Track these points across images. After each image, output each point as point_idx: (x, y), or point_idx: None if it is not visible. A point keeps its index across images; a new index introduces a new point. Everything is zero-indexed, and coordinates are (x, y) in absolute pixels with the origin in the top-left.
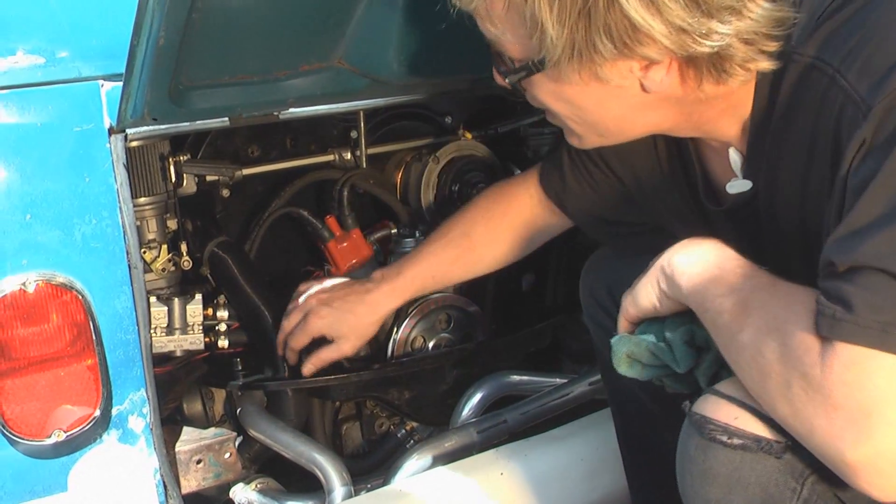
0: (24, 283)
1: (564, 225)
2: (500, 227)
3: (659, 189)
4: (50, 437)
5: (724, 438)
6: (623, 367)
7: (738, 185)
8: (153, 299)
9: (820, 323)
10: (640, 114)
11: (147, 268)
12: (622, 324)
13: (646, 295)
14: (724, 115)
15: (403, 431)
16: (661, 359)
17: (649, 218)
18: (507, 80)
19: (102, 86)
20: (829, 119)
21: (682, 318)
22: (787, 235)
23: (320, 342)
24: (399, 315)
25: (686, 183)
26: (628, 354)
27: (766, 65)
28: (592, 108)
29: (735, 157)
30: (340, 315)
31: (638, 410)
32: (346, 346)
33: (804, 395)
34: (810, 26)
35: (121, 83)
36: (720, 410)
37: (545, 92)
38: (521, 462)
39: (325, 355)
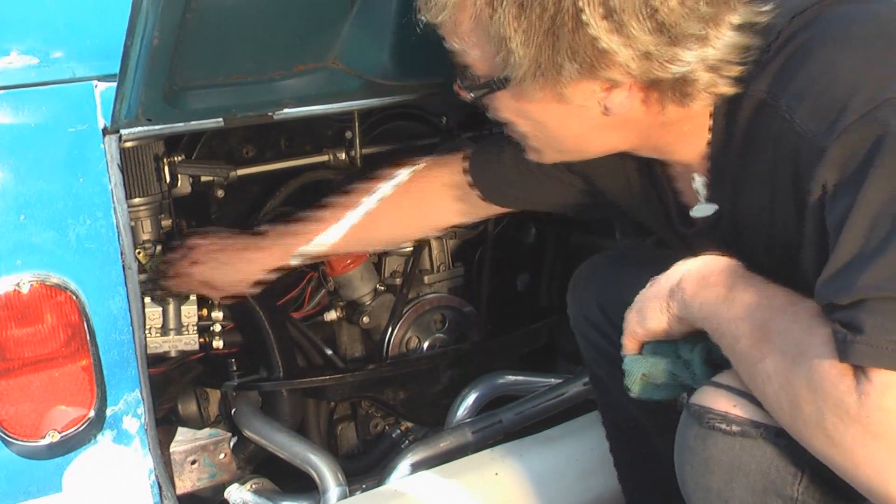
0: (18, 284)
1: (479, 215)
2: (410, 208)
3: (633, 204)
4: (44, 437)
5: (724, 426)
6: (637, 389)
7: (703, 209)
8: (148, 300)
9: (845, 350)
10: (599, 133)
11: (142, 268)
12: (629, 343)
13: (655, 317)
14: (683, 139)
15: (399, 432)
16: (679, 378)
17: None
18: (469, 95)
19: (97, 86)
20: (785, 159)
21: (694, 335)
22: (755, 255)
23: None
24: (394, 315)
25: (658, 202)
26: (644, 375)
27: (728, 89)
28: (553, 126)
29: (699, 182)
30: (218, 266)
31: (629, 422)
32: (213, 294)
33: (841, 424)
34: (763, 59)
35: (115, 84)
36: (719, 400)
37: (507, 108)
38: (516, 462)
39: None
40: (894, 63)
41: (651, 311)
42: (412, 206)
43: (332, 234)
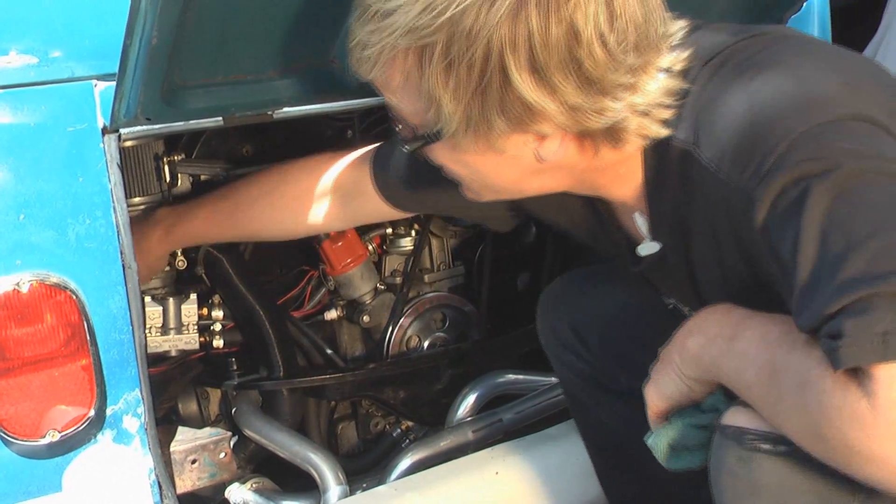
0: (17, 284)
1: (371, 218)
2: (309, 205)
3: (580, 234)
4: (44, 437)
5: (768, 446)
6: (671, 462)
7: (648, 247)
8: (148, 299)
9: (836, 359)
10: (536, 177)
11: None
12: (654, 421)
13: (673, 385)
14: (618, 180)
15: (399, 431)
16: (708, 429)
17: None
18: (405, 147)
19: (96, 86)
20: (718, 209)
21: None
22: (711, 289)
23: None
24: (394, 314)
25: (606, 236)
26: (671, 445)
27: (658, 131)
28: (488, 173)
29: (640, 221)
30: None
31: (610, 440)
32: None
33: (864, 436)
34: (684, 104)
35: (114, 83)
36: (755, 419)
37: (443, 157)
38: (517, 461)
39: None
40: (803, 98)
41: (667, 381)
42: (315, 210)
43: (220, 231)
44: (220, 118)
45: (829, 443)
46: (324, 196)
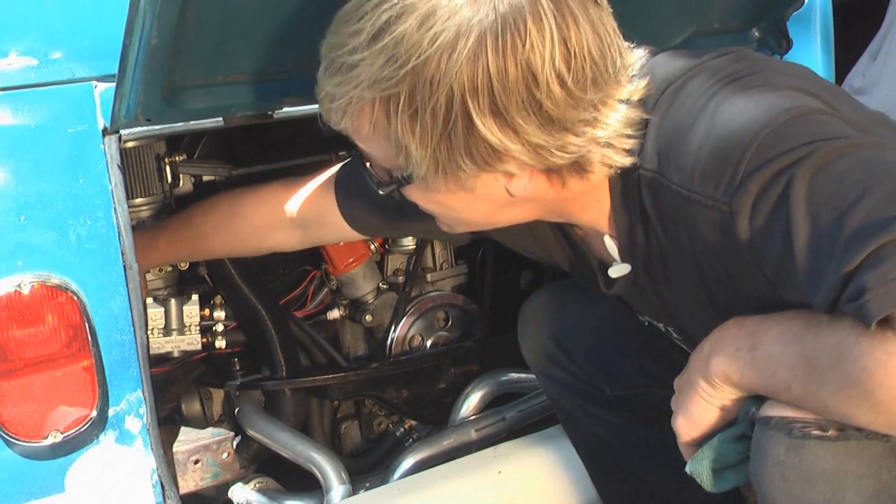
0: (19, 285)
1: (347, 239)
2: (273, 233)
3: (551, 258)
4: (46, 438)
5: (821, 432)
6: (718, 484)
7: (619, 269)
8: (150, 300)
9: (865, 315)
10: (507, 210)
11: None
12: (688, 451)
13: (705, 412)
14: (587, 207)
15: (402, 430)
16: (746, 440)
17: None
18: (380, 191)
19: (96, 87)
20: (695, 231)
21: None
22: (690, 307)
23: None
24: (397, 313)
25: (577, 259)
26: (713, 468)
27: (622, 160)
28: (461, 209)
29: (610, 244)
30: None
31: (603, 449)
32: None
33: None
34: (646, 134)
35: (114, 84)
36: (796, 408)
37: (416, 197)
38: (519, 460)
39: None
40: (762, 106)
41: (697, 409)
42: (253, 230)
43: (165, 250)
44: (221, 118)
45: (886, 405)
46: (288, 223)
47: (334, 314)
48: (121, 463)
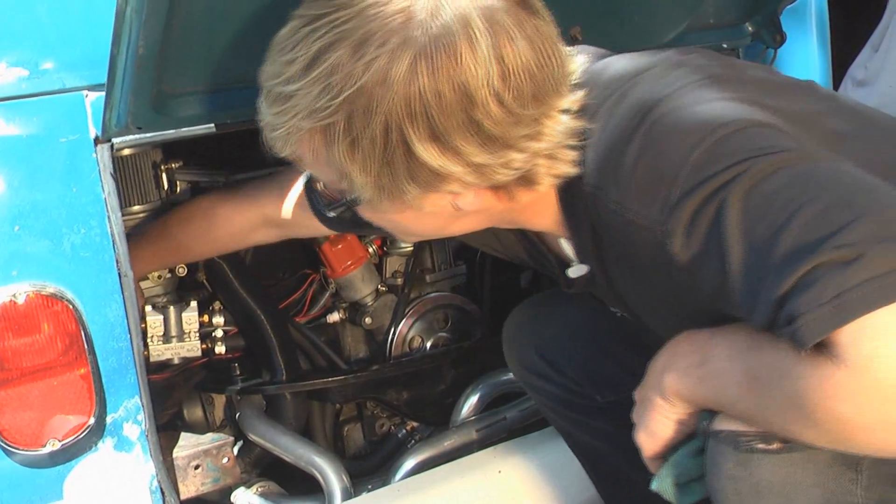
0: (14, 295)
1: (322, 234)
2: (251, 235)
3: (516, 257)
4: (45, 446)
5: (765, 445)
6: (683, 498)
7: (577, 270)
8: (149, 308)
9: (799, 339)
10: (457, 223)
11: (143, 275)
12: (653, 465)
13: (664, 427)
14: (538, 215)
15: (404, 431)
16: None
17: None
18: (329, 213)
19: (87, 96)
20: (634, 246)
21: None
22: (646, 308)
23: None
24: (396, 315)
25: (540, 258)
26: (677, 483)
27: (567, 170)
28: (411, 225)
29: (566, 246)
30: None
31: (600, 456)
32: None
33: (853, 405)
34: (587, 145)
35: (104, 93)
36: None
37: (366, 215)
38: (520, 460)
39: None
40: (695, 122)
41: (656, 424)
42: (231, 235)
43: (149, 261)
44: (213, 125)
45: (825, 425)
46: (264, 224)
47: (334, 317)
48: (120, 470)
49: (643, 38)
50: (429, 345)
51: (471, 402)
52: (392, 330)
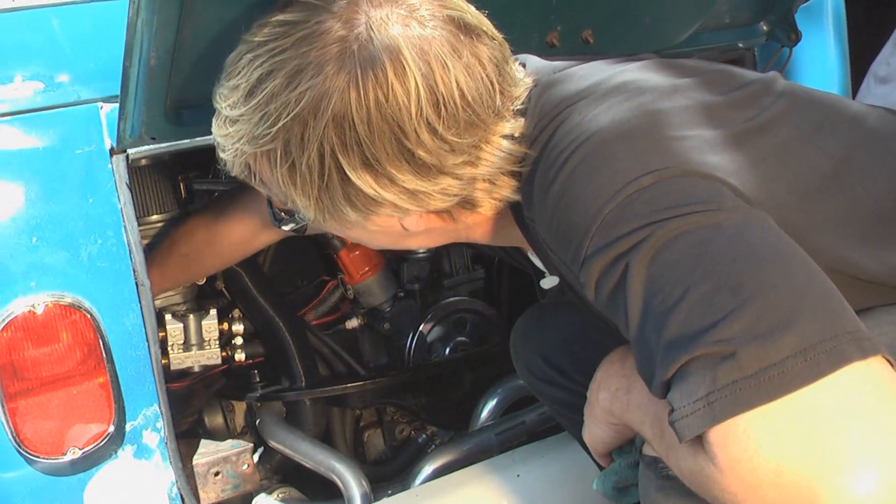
0: (33, 305)
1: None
2: (254, 244)
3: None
4: (66, 454)
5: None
6: (623, 500)
7: (549, 281)
8: (169, 317)
9: (677, 432)
10: (409, 240)
11: None
12: (601, 461)
13: (603, 433)
14: (493, 233)
15: (424, 436)
16: None
17: None
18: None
19: (102, 108)
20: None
21: None
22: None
23: None
24: (415, 321)
25: (519, 263)
26: (616, 487)
27: (513, 195)
28: (365, 239)
29: (535, 259)
30: None
31: None
32: None
33: (724, 495)
34: (523, 175)
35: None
36: None
37: (322, 228)
38: (538, 463)
39: None
40: (609, 175)
41: (598, 431)
42: (234, 245)
43: (158, 283)
44: None
45: (714, 500)
46: (265, 228)
47: (352, 323)
48: (140, 477)
49: (656, 39)
50: (447, 350)
51: (489, 407)
52: (411, 335)
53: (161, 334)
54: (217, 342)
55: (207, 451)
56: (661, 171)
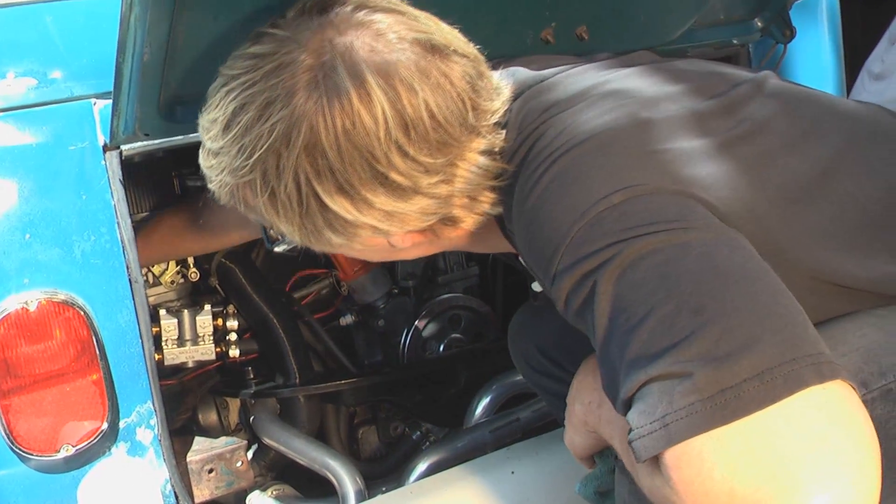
0: (26, 302)
1: None
2: (235, 231)
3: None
4: (59, 451)
5: None
6: (601, 503)
7: (538, 284)
8: (163, 312)
9: (635, 453)
10: (401, 254)
11: (156, 281)
12: (583, 463)
13: (582, 440)
14: (481, 242)
15: (419, 433)
16: None
17: None
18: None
19: (95, 104)
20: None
21: None
22: None
23: None
24: (409, 317)
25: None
26: (598, 491)
27: (494, 209)
28: (357, 254)
29: (524, 262)
30: None
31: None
32: None
33: None
34: (503, 188)
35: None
36: None
37: (314, 250)
38: (532, 460)
39: None
40: (579, 194)
41: (577, 437)
42: (215, 228)
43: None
44: None
45: None
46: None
47: (347, 320)
48: (133, 474)
49: (650, 36)
50: (442, 347)
51: (484, 404)
52: (405, 332)
53: (155, 329)
54: (211, 338)
55: (201, 448)
56: (631, 187)
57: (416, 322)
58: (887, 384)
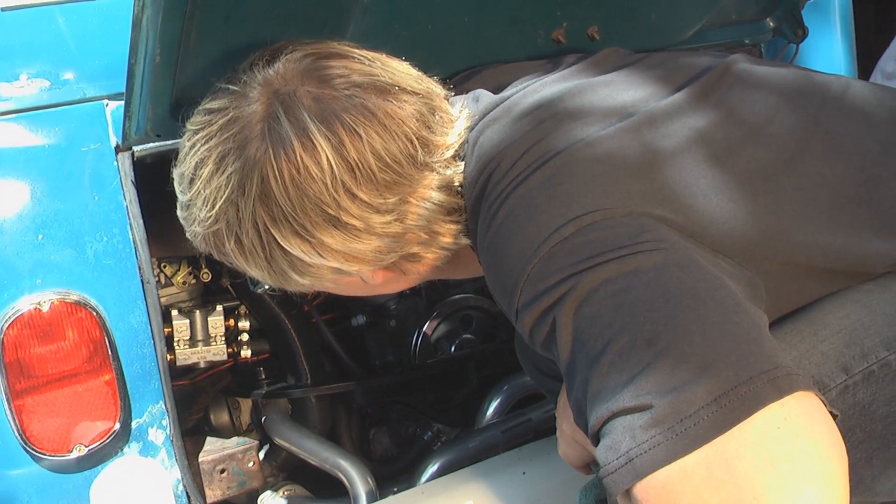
0: (38, 303)
1: None
2: None
3: None
4: (72, 451)
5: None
6: None
7: None
8: (175, 312)
9: (608, 486)
10: (377, 289)
11: (168, 281)
12: (580, 471)
13: (574, 451)
14: (460, 269)
15: (430, 434)
16: None
17: None
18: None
19: (107, 105)
20: None
21: None
22: None
23: None
24: (420, 318)
25: None
26: (598, 499)
27: (459, 241)
28: (334, 290)
29: None
30: None
31: None
32: None
33: None
34: (465, 221)
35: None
36: None
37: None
38: (544, 461)
39: None
40: (534, 230)
41: (569, 449)
42: None
43: None
44: None
45: None
46: None
47: (359, 321)
48: (146, 474)
49: (661, 36)
50: (453, 347)
51: (495, 404)
52: (416, 333)
53: (167, 330)
54: (223, 338)
55: (213, 449)
56: (580, 217)
57: (428, 323)
58: (869, 367)
